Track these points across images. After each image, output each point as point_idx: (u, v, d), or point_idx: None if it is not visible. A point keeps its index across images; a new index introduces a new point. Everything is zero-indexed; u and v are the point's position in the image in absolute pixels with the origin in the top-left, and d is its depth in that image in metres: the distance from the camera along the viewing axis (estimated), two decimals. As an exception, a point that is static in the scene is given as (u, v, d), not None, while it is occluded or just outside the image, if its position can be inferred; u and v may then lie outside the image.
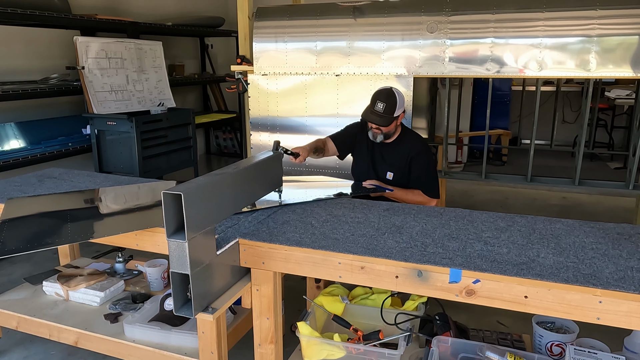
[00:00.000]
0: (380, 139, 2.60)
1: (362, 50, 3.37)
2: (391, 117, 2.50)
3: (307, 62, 3.51)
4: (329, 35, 3.45)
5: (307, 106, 3.55)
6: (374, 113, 2.50)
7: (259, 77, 3.66)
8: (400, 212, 2.02)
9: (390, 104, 2.48)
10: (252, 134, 3.79)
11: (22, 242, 1.79)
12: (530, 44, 2.99)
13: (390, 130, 2.58)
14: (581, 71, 2.94)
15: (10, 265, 3.58)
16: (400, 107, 2.52)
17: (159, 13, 5.88)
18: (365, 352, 1.82)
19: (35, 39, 4.46)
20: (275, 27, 3.56)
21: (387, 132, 2.58)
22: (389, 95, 2.50)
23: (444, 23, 3.15)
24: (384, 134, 2.58)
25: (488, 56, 3.08)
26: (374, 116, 2.50)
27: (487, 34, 3.07)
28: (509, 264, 1.48)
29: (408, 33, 3.24)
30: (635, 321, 1.32)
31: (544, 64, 2.98)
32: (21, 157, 3.76)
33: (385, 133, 2.58)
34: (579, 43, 2.91)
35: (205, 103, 6.96)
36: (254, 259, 1.72)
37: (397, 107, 2.49)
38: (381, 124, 2.51)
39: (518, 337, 2.04)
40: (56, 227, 1.96)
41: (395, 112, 2.49)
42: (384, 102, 2.48)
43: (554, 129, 4.68)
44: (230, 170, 1.77)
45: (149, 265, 2.51)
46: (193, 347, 1.95)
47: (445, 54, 3.16)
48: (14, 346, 2.56)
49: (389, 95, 2.50)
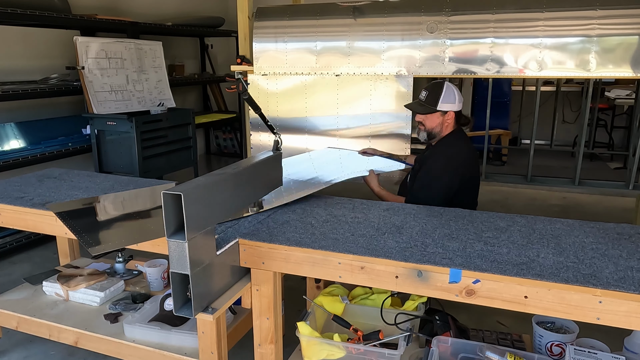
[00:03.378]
0: (423, 137, 2.42)
1: (362, 50, 3.37)
2: (431, 108, 2.32)
3: (307, 62, 3.51)
4: (329, 35, 3.45)
5: (307, 106, 3.55)
6: (416, 102, 2.36)
7: (259, 77, 3.66)
8: (400, 212, 2.02)
9: (433, 93, 2.31)
10: (252, 134, 3.79)
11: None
12: (530, 44, 2.99)
13: (434, 127, 2.36)
14: (581, 71, 2.94)
15: (10, 265, 3.58)
16: (446, 102, 2.31)
17: (159, 13, 5.88)
18: (365, 352, 1.82)
19: (35, 39, 4.46)
20: (275, 27, 3.56)
21: (430, 128, 2.36)
22: (436, 85, 2.33)
23: (444, 23, 3.15)
24: (427, 132, 2.39)
25: (488, 56, 3.08)
26: (415, 104, 2.37)
27: (487, 34, 3.07)
28: (509, 264, 1.48)
29: (408, 33, 3.24)
30: (635, 321, 1.32)
31: (543, 64, 2.99)
32: (21, 157, 3.76)
33: (428, 131, 2.38)
34: (579, 43, 2.91)
35: (205, 103, 6.96)
36: (254, 259, 1.72)
37: (441, 99, 2.30)
38: (418, 111, 2.36)
39: (518, 337, 2.04)
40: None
41: (437, 103, 2.31)
42: (428, 90, 2.33)
43: (554, 129, 4.69)
44: (230, 170, 1.77)
45: (149, 265, 2.51)
46: (193, 347, 1.95)
47: (445, 54, 3.17)
48: (14, 346, 2.56)
49: (435, 85, 2.34)
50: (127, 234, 1.92)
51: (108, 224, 2.03)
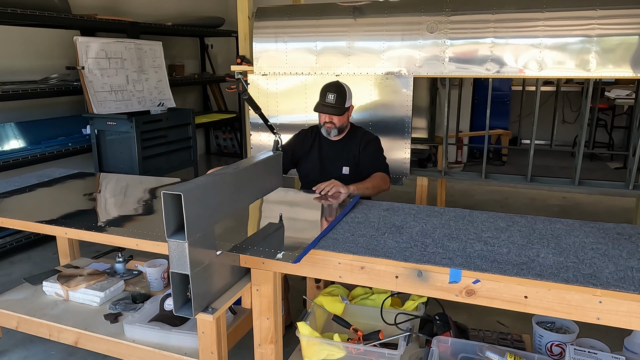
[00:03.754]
0: (334, 134, 2.61)
1: (362, 50, 3.37)
2: (343, 108, 2.53)
3: (307, 62, 3.51)
4: (329, 35, 3.45)
5: (307, 106, 3.54)
6: (326, 105, 2.52)
7: (259, 77, 3.66)
8: (400, 212, 2.02)
9: (340, 95, 2.51)
10: (252, 134, 3.79)
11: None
12: (530, 44, 2.99)
13: (343, 123, 2.60)
14: (581, 71, 2.94)
15: (10, 266, 3.58)
16: (350, 99, 2.57)
17: (159, 13, 5.88)
18: (365, 352, 1.82)
19: (35, 39, 4.46)
20: (275, 27, 3.56)
21: (340, 125, 2.58)
22: (339, 87, 2.54)
23: (444, 23, 3.14)
24: (338, 128, 2.59)
25: (488, 56, 3.08)
26: (327, 107, 2.52)
27: (487, 34, 3.06)
28: (509, 264, 1.48)
29: (408, 33, 3.23)
30: (635, 321, 1.32)
31: (544, 64, 2.98)
32: (21, 157, 3.76)
33: (339, 127, 2.59)
34: (579, 43, 2.91)
35: (205, 103, 6.96)
36: (253, 259, 1.72)
37: (347, 98, 2.53)
38: (335, 113, 2.53)
39: (518, 337, 2.04)
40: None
41: (346, 102, 2.53)
42: (335, 93, 2.51)
43: (554, 129, 4.68)
44: (230, 170, 1.77)
45: (149, 265, 2.51)
46: (193, 347, 1.94)
47: (445, 54, 3.16)
48: (14, 346, 2.56)
49: (338, 86, 2.54)
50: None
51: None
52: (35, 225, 2.07)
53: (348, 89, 2.56)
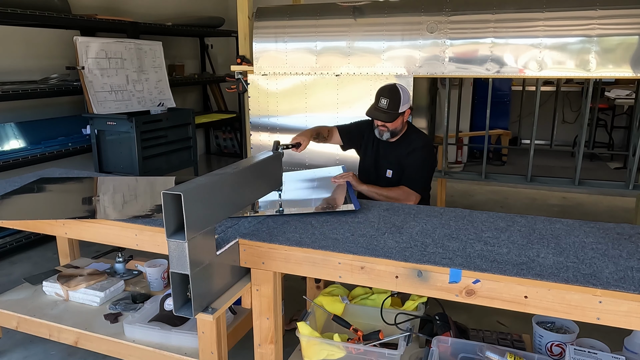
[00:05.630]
0: (386, 137, 2.56)
1: (362, 50, 3.37)
2: (396, 113, 2.46)
3: (307, 62, 3.51)
4: (329, 35, 3.45)
5: (307, 106, 3.54)
6: (378, 110, 2.47)
7: (259, 77, 3.66)
8: (400, 212, 2.02)
9: (394, 100, 2.45)
10: (252, 134, 3.79)
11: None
12: (530, 44, 2.99)
13: (397, 127, 2.54)
14: (581, 71, 2.94)
15: (10, 266, 3.58)
16: (406, 103, 2.49)
17: (159, 13, 5.88)
18: (365, 352, 1.82)
19: (35, 39, 4.46)
20: (275, 27, 3.56)
21: (393, 129, 2.53)
22: (393, 91, 2.47)
23: (444, 23, 3.14)
24: (391, 132, 2.54)
25: (488, 56, 3.08)
26: (378, 113, 2.48)
27: (487, 34, 3.06)
28: (509, 264, 1.48)
29: (408, 33, 3.23)
30: (635, 321, 1.32)
31: (544, 64, 2.98)
32: (21, 157, 3.76)
33: (392, 130, 2.54)
34: (579, 43, 2.91)
35: (205, 103, 6.96)
36: (254, 259, 1.72)
37: (401, 102, 2.46)
38: (386, 120, 2.48)
39: (518, 337, 2.04)
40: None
41: (400, 108, 2.46)
42: (388, 97, 2.45)
43: (554, 129, 4.68)
44: (230, 170, 1.77)
45: (149, 265, 2.51)
46: (193, 347, 1.95)
47: (445, 54, 3.16)
48: (14, 346, 2.56)
49: (392, 91, 2.47)
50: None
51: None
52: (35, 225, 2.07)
53: (404, 92, 2.48)
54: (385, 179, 2.62)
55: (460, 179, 4.02)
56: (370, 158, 2.70)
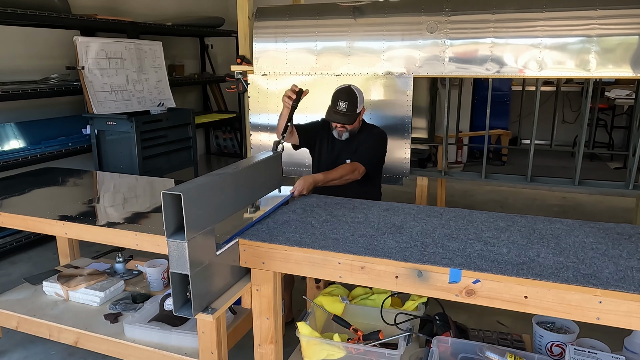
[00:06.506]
0: (345, 137, 2.62)
1: (362, 50, 3.37)
2: (354, 114, 2.52)
3: (307, 62, 3.51)
4: (329, 35, 3.45)
5: (307, 106, 3.54)
6: (338, 113, 2.52)
7: (259, 77, 3.66)
8: (400, 212, 2.02)
9: (352, 102, 2.50)
10: (252, 134, 3.79)
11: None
12: (530, 44, 2.99)
13: (355, 127, 2.61)
14: (581, 71, 2.94)
15: (10, 266, 3.58)
16: (361, 103, 2.56)
17: (159, 13, 5.88)
18: (365, 352, 1.82)
19: (35, 39, 4.46)
20: (275, 27, 3.56)
21: (352, 129, 2.60)
22: (350, 94, 2.52)
23: (443, 23, 3.14)
24: (349, 132, 2.61)
25: (488, 56, 3.08)
26: (338, 116, 2.52)
27: (487, 34, 3.06)
28: (509, 264, 1.48)
29: (408, 33, 3.23)
30: (635, 321, 1.31)
31: (543, 64, 2.98)
32: (21, 157, 3.76)
33: (351, 130, 2.61)
34: (579, 43, 2.91)
35: (205, 103, 6.96)
36: (253, 259, 1.72)
37: (358, 103, 2.52)
38: (346, 122, 2.53)
39: (518, 337, 2.04)
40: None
41: (357, 109, 2.52)
42: (346, 100, 2.50)
43: (554, 129, 4.68)
44: (230, 170, 1.77)
45: (149, 265, 2.51)
46: (193, 347, 1.95)
47: (445, 54, 3.16)
48: (14, 346, 2.56)
49: (349, 93, 2.52)
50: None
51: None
52: (35, 225, 2.07)
53: (359, 93, 2.55)
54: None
55: (460, 179, 4.02)
56: (327, 155, 2.72)
